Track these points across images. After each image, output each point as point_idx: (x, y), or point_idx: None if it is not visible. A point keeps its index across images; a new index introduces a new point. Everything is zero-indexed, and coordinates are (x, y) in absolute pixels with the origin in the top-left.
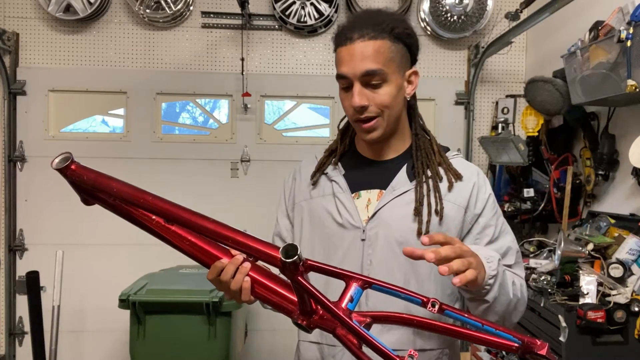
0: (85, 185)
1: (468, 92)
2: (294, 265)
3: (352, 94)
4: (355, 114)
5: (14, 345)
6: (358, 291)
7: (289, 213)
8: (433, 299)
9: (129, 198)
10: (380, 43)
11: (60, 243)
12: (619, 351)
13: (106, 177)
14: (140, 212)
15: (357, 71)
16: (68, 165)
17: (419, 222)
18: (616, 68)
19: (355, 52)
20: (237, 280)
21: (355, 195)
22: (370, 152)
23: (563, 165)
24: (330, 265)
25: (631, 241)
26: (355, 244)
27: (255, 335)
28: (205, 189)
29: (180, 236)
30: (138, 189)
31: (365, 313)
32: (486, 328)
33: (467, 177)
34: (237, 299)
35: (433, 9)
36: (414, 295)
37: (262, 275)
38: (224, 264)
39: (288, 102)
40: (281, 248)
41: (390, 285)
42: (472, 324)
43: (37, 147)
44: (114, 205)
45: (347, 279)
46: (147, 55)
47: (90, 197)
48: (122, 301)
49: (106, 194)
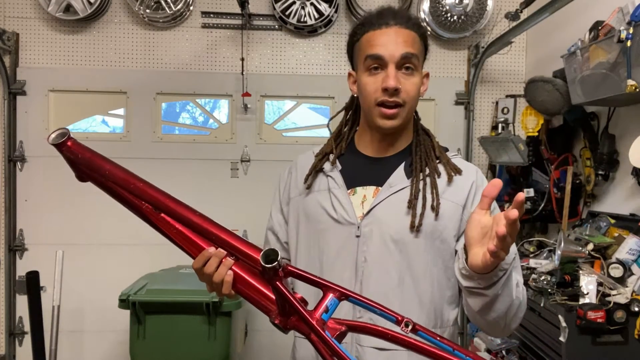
0: (79, 164)
1: (468, 92)
2: (273, 271)
3: (387, 75)
4: (383, 95)
5: (14, 345)
6: (334, 302)
7: (283, 207)
8: (407, 318)
9: (121, 182)
10: (413, 34)
11: (60, 243)
12: (619, 351)
13: (101, 158)
14: (131, 196)
15: (396, 53)
16: (64, 141)
17: (412, 215)
18: (616, 68)
19: (392, 35)
20: (219, 273)
21: (351, 191)
22: (370, 148)
23: (563, 165)
24: (310, 273)
25: (631, 241)
26: (350, 240)
27: (255, 335)
28: (205, 189)
29: (168, 224)
30: (131, 173)
31: (342, 321)
32: (457, 353)
33: (466, 175)
34: (219, 292)
35: (433, 9)
36: (389, 313)
37: (245, 271)
38: (211, 253)
39: (288, 102)
40: (262, 252)
41: (366, 300)
42: (444, 348)
43: (37, 147)
44: (107, 186)
45: (325, 289)
46: (147, 55)
47: (85, 175)
48: (122, 301)
49: (100, 175)
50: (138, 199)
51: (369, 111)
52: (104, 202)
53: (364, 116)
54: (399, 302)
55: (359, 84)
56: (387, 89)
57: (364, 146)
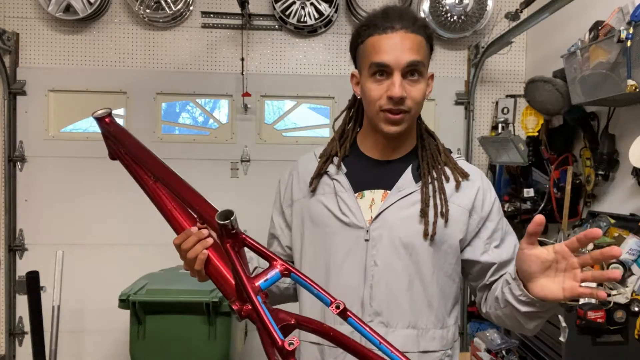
0: (110, 136)
1: (468, 92)
2: (225, 230)
3: (392, 83)
4: (388, 103)
5: (14, 345)
6: (276, 275)
7: (285, 210)
8: (339, 301)
9: (133, 152)
10: (419, 39)
11: (60, 243)
12: (619, 351)
13: (127, 134)
14: (142, 171)
15: (402, 61)
16: (104, 117)
17: (425, 223)
18: (616, 68)
19: (398, 41)
20: (195, 250)
21: (359, 195)
22: (376, 151)
23: (563, 165)
24: (260, 244)
25: (631, 241)
26: (359, 244)
27: (255, 335)
28: (205, 189)
29: (162, 200)
30: (143, 147)
31: (292, 314)
32: (382, 347)
33: (472, 180)
34: (191, 269)
35: (433, 9)
36: (324, 294)
37: (220, 257)
38: (192, 232)
39: (288, 102)
40: (219, 211)
41: (306, 278)
42: (370, 339)
43: (37, 147)
44: (126, 162)
45: (273, 261)
46: (147, 55)
47: (113, 150)
48: (122, 301)
49: (121, 147)
50: (146, 171)
51: (374, 116)
52: (103, 202)
53: (367, 119)
54: (409, 305)
55: (364, 89)
56: (393, 97)
57: (368, 148)
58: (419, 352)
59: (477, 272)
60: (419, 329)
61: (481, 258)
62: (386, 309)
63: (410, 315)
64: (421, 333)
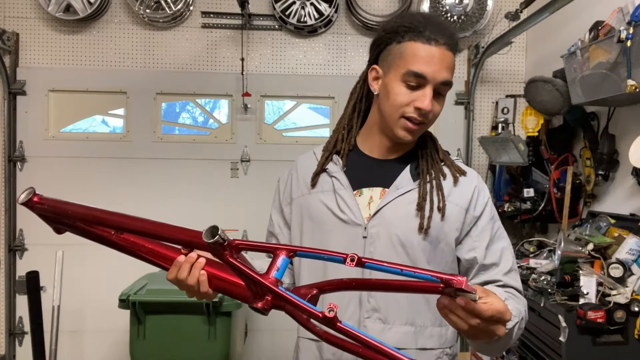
0: (48, 214)
1: (468, 92)
2: (218, 246)
3: (424, 95)
4: (414, 112)
5: (14, 345)
6: (285, 260)
7: (284, 208)
8: (352, 254)
9: (82, 217)
10: (454, 59)
11: (60, 243)
12: (619, 351)
13: (63, 203)
14: (100, 229)
15: (439, 77)
16: (31, 198)
17: (421, 217)
18: (616, 68)
19: (440, 57)
20: (193, 275)
21: (357, 192)
22: (375, 150)
23: (563, 165)
24: (258, 242)
25: (631, 241)
26: (356, 241)
27: (255, 335)
28: (205, 189)
29: (137, 244)
30: (89, 207)
31: (310, 286)
32: (405, 272)
33: (469, 179)
34: (197, 295)
35: (433, 9)
36: (335, 255)
37: (218, 269)
38: (181, 261)
39: (288, 102)
40: (204, 231)
41: (312, 249)
42: (392, 271)
43: (37, 147)
44: (79, 228)
45: (275, 250)
46: (147, 55)
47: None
48: (122, 301)
49: (67, 218)
50: (104, 229)
51: (391, 120)
52: (103, 202)
53: (378, 119)
54: (408, 302)
55: (388, 89)
56: (421, 109)
57: (368, 148)
58: (417, 349)
59: (462, 271)
60: (417, 326)
61: (466, 256)
62: (384, 306)
63: (408, 312)
64: (419, 330)
